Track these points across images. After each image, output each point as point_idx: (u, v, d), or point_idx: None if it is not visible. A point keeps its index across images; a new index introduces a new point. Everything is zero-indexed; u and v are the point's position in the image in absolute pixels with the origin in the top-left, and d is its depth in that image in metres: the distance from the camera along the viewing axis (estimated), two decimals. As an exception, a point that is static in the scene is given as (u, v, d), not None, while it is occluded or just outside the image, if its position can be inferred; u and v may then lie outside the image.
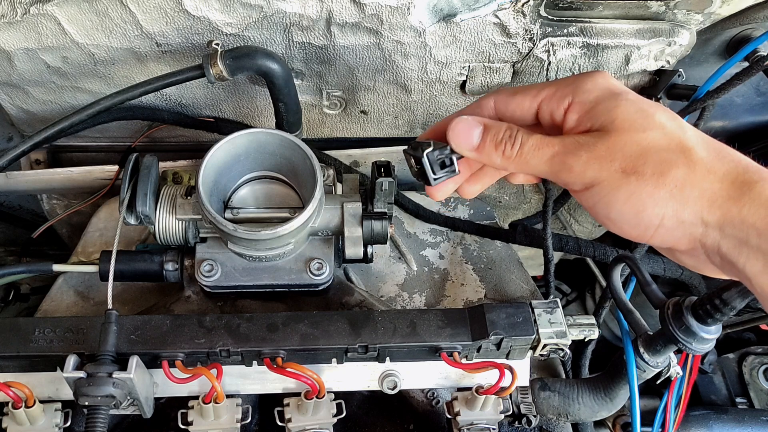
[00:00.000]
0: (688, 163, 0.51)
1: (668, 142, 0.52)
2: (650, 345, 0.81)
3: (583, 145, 0.54)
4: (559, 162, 0.55)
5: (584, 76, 0.58)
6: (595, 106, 0.56)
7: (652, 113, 0.54)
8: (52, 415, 0.73)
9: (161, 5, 0.79)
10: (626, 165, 0.52)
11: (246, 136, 0.75)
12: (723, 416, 1.13)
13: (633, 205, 0.53)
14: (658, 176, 0.51)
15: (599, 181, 0.53)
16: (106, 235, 0.97)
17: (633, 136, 0.53)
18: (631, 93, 0.56)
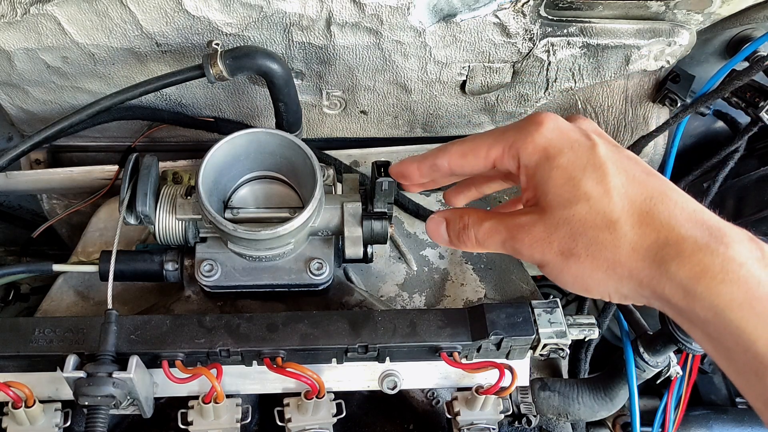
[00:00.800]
0: (614, 242, 0.52)
1: (594, 218, 0.53)
2: (650, 345, 0.81)
3: (523, 228, 0.56)
4: (510, 247, 0.58)
5: (525, 131, 0.57)
6: (535, 173, 0.56)
7: (579, 179, 0.53)
8: (52, 415, 0.73)
9: (161, 5, 0.79)
10: (563, 247, 0.54)
11: (246, 136, 0.75)
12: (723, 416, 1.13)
13: (580, 284, 0.55)
14: (591, 258, 0.53)
15: (546, 263, 0.56)
16: (106, 235, 0.97)
17: (563, 214, 0.54)
18: (565, 153, 0.55)
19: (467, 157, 0.62)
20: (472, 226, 0.61)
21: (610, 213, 0.52)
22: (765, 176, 1.03)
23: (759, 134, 1.01)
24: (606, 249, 0.52)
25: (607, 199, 0.53)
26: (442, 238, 0.64)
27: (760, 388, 0.47)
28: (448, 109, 1.01)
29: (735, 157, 1.01)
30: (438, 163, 0.64)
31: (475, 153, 0.61)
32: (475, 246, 0.61)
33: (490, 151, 0.60)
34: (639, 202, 0.52)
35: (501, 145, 0.59)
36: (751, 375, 0.47)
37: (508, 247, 0.58)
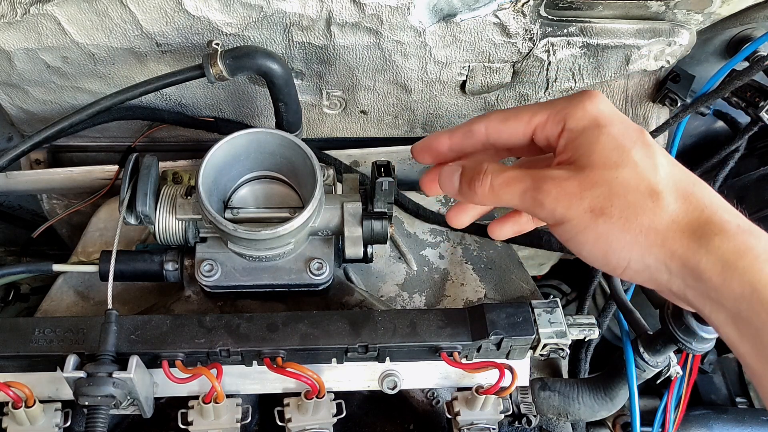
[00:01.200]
0: (655, 210, 0.51)
1: (638, 184, 0.52)
2: (650, 345, 0.81)
3: (554, 180, 0.54)
4: (530, 198, 0.55)
5: (577, 100, 0.57)
6: (579, 137, 0.55)
7: (629, 149, 0.53)
8: (52, 415, 0.73)
9: (161, 5, 0.79)
10: (595, 205, 0.52)
11: (246, 136, 0.75)
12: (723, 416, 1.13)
13: (600, 247, 0.53)
14: (624, 220, 0.51)
15: (568, 219, 0.53)
16: (106, 235, 0.97)
17: (605, 174, 0.53)
18: (616, 124, 0.55)
19: (509, 122, 0.60)
20: (491, 172, 0.57)
21: (656, 183, 0.52)
22: (765, 175, 1.03)
23: (759, 134, 1.01)
24: (644, 214, 0.51)
25: (653, 171, 0.53)
26: (453, 186, 0.61)
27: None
28: (448, 109, 1.01)
29: (735, 156, 1.01)
30: (474, 129, 0.61)
31: (517, 117, 0.59)
32: (487, 195, 0.57)
33: (534, 116, 0.58)
34: (683, 183, 0.53)
35: (547, 111, 0.58)
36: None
37: (527, 198, 0.55)
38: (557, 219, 0.54)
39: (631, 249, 0.52)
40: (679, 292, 0.52)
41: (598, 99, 0.56)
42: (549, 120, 0.57)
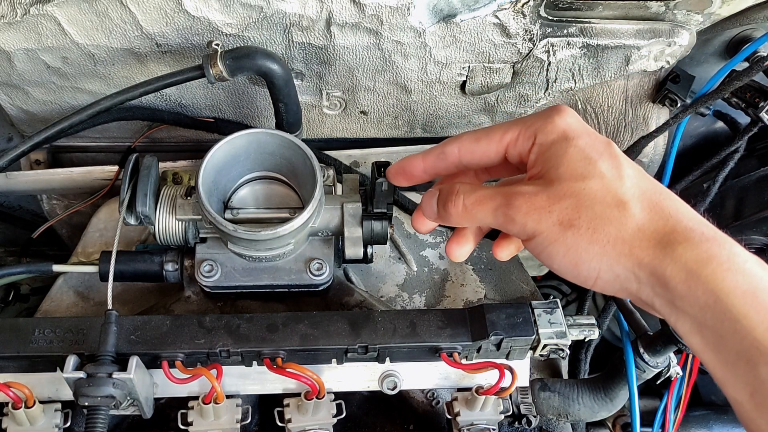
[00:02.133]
0: (621, 219, 0.52)
1: (604, 195, 0.53)
2: (650, 345, 0.81)
3: (523, 195, 0.55)
4: (502, 214, 0.56)
5: (546, 114, 0.58)
6: (548, 150, 0.56)
7: (596, 160, 0.54)
8: (52, 416, 0.73)
9: (161, 6, 0.79)
10: (563, 217, 0.53)
11: (246, 136, 0.75)
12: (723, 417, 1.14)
13: (570, 259, 0.54)
14: (592, 231, 0.52)
15: (539, 233, 0.54)
16: (106, 236, 0.97)
17: (572, 186, 0.54)
18: (584, 137, 0.56)
19: (480, 142, 0.61)
20: (463, 193, 0.59)
21: (622, 194, 0.53)
22: (765, 176, 1.03)
23: (759, 134, 1.01)
24: (611, 224, 0.52)
25: (620, 182, 0.54)
26: (432, 210, 0.63)
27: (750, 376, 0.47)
28: (448, 110, 1.01)
29: (735, 157, 1.01)
30: (447, 151, 0.63)
31: (489, 137, 0.60)
32: (461, 215, 0.59)
33: (506, 134, 0.59)
34: (649, 192, 0.54)
35: (518, 128, 0.59)
36: (741, 363, 0.48)
37: (499, 214, 0.56)
38: (528, 233, 0.55)
39: (600, 259, 0.53)
40: (648, 300, 0.53)
41: (567, 113, 0.58)
42: (520, 136, 0.59)
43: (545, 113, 0.58)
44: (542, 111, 0.59)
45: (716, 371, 0.51)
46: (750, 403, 0.48)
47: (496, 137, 0.60)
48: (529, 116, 0.59)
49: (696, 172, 1.04)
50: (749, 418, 0.49)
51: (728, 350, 0.48)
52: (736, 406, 0.50)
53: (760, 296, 0.48)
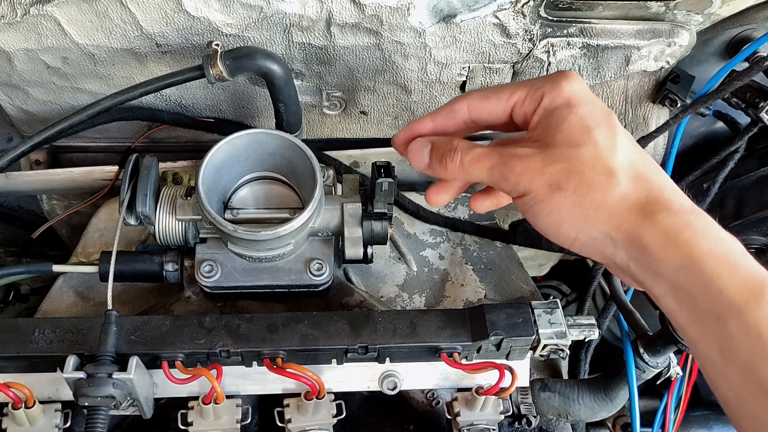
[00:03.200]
0: (607, 187, 0.55)
1: (595, 162, 0.56)
2: (650, 345, 0.81)
3: (519, 157, 0.58)
4: (497, 173, 0.59)
5: (554, 79, 0.60)
6: (551, 115, 0.59)
7: (593, 129, 0.57)
8: (51, 416, 0.73)
9: (161, 6, 0.79)
10: (553, 180, 0.56)
11: (246, 136, 0.75)
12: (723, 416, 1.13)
13: (553, 219, 0.57)
14: (578, 195, 0.55)
15: (529, 192, 0.57)
16: (105, 236, 0.97)
17: (566, 152, 0.56)
18: (586, 105, 0.58)
19: (489, 100, 0.63)
20: (461, 149, 0.61)
21: (612, 163, 0.56)
22: (765, 177, 1.03)
23: (759, 135, 1.01)
24: (596, 190, 0.55)
25: (612, 151, 0.56)
26: (422, 161, 0.64)
27: (720, 332, 0.50)
28: (448, 110, 1.01)
29: (735, 157, 1.01)
30: (456, 108, 0.64)
31: (497, 95, 0.62)
32: (457, 171, 0.61)
33: (514, 94, 0.61)
34: (638, 165, 0.57)
35: (526, 89, 0.61)
36: (712, 321, 0.51)
37: (495, 173, 0.59)
38: (519, 191, 0.58)
39: (580, 222, 0.56)
40: (622, 264, 0.56)
41: (574, 79, 0.60)
42: (527, 97, 0.61)
43: (553, 77, 0.60)
44: (551, 75, 0.61)
45: (689, 330, 0.53)
46: (719, 357, 0.51)
47: (504, 96, 0.62)
48: (538, 79, 0.62)
49: (696, 173, 1.04)
50: (718, 372, 0.52)
51: (700, 309, 0.51)
52: (707, 362, 0.53)
53: (732, 260, 0.51)
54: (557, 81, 0.59)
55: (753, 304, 0.49)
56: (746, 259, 0.52)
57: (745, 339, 0.49)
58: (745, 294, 0.49)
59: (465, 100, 0.64)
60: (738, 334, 0.49)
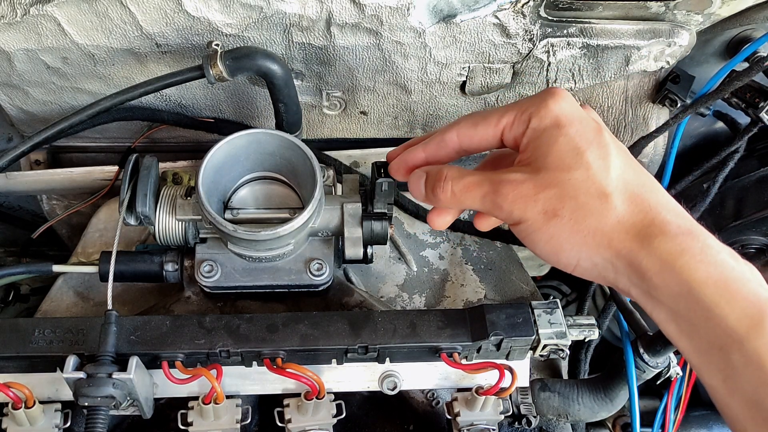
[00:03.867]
0: (602, 212, 0.54)
1: (588, 186, 0.55)
2: (650, 345, 0.81)
3: (510, 183, 0.57)
4: (490, 201, 0.58)
5: (541, 98, 0.59)
6: (540, 137, 0.57)
7: (584, 150, 0.55)
8: (51, 416, 0.73)
9: (161, 6, 0.79)
10: (548, 207, 0.55)
11: (246, 136, 0.75)
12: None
13: (552, 246, 0.56)
14: (574, 222, 0.54)
15: (524, 220, 0.56)
16: (105, 236, 0.97)
17: (558, 176, 0.55)
18: (575, 125, 0.57)
19: (478, 127, 0.62)
20: (451, 179, 0.60)
21: (606, 186, 0.55)
22: (765, 177, 1.03)
23: (759, 135, 1.01)
24: (592, 216, 0.54)
25: (605, 174, 0.55)
26: (420, 192, 0.64)
27: (723, 363, 0.50)
28: (448, 110, 1.01)
29: (735, 157, 1.01)
30: (446, 138, 0.64)
31: (486, 121, 0.61)
32: (450, 200, 0.60)
33: (502, 118, 0.60)
34: (632, 185, 0.56)
35: (514, 112, 0.60)
36: (714, 351, 0.50)
37: (487, 201, 0.58)
38: (514, 220, 0.57)
39: (580, 249, 0.55)
40: (625, 289, 0.55)
41: (561, 97, 0.59)
42: (515, 121, 0.60)
43: (540, 97, 0.59)
44: (538, 94, 0.60)
45: (692, 358, 0.53)
46: (723, 388, 0.50)
47: (492, 122, 0.61)
48: (525, 100, 0.61)
49: (696, 173, 1.04)
50: (724, 403, 0.51)
51: (701, 338, 0.51)
52: (711, 391, 0.52)
53: (731, 286, 0.50)
54: (544, 100, 0.58)
55: (754, 334, 0.48)
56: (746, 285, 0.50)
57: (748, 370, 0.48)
58: (746, 322, 0.48)
59: (454, 130, 0.63)
60: (741, 366, 0.48)
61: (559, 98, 0.58)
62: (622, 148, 0.58)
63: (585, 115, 0.59)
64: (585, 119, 0.58)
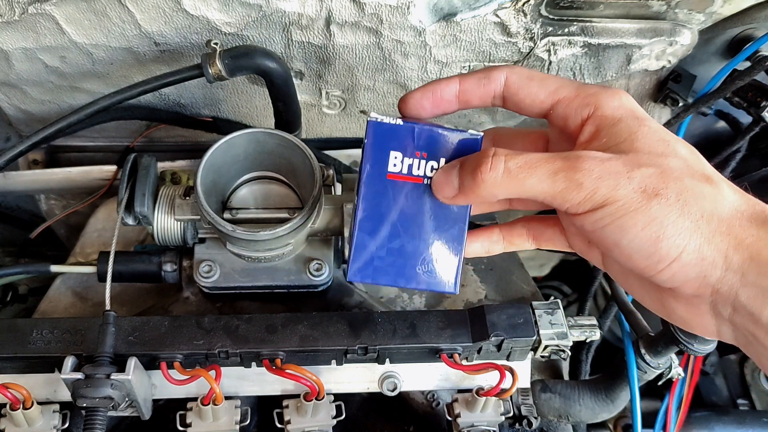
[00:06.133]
0: (716, 196, 0.46)
1: (690, 171, 0.47)
2: (651, 346, 0.81)
3: (593, 159, 0.47)
4: (564, 179, 0.47)
5: (610, 90, 0.53)
6: (617, 124, 0.50)
7: (674, 143, 0.49)
8: (50, 417, 0.72)
9: (160, 5, 0.79)
10: (647, 185, 0.46)
11: (245, 136, 0.75)
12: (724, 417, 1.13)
13: (652, 232, 0.46)
14: (683, 203, 0.46)
15: (614, 200, 0.46)
16: (104, 236, 0.97)
17: (653, 159, 0.47)
18: (653, 121, 0.51)
19: (533, 82, 0.55)
20: (504, 154, 0.50)
21: (709, 174, 0.48)
22: (767, 176, 1.03)
23: (761, 134, 1.01)
24: (705, 199, 0.46)
25: (702, 164, 0.49)
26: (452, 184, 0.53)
27: None
28: (448, 109, 1.01)
29: (737, 157, 1.01)
30: (493, 76, 0.56)
31: (543, 82, 0.54)
32: (501, 182, 0.49)
33: (561, 89, 0.54)
34: (729, 181, 0.50)
35: (576, 89, 0.53)
36: None
37: (559, 179, 0.47)
38: (597, 202, 0.47)
39: (688, 236, 0.45)
40: (728, 292, 0.46)
41: (630, 96, 0.54)
42: (577, 98, 0.53)
43: (610, 89, 0.53)
44: (602, 86, 0.54)
45: None
46: None
47: (550, 86, 0.54)
48: (590, 84, 0.54)
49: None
50: None
51: None
52: None
53: None
54: (616, 92, 0.52)
55: None
56: None
57: None
58: None
59: (504, 71, 0.55)
60: None
61: (628, 95, 0.53)
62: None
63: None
64: (658, 123, 0.52)
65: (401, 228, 0.57)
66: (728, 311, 0.46)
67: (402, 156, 0.56)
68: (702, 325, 0.50)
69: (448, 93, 0.57)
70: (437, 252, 0.58)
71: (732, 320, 0.47)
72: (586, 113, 0.52)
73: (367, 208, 0.57)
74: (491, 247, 0.62)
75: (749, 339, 0.46)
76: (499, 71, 0.56)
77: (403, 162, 0.56)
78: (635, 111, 0.52)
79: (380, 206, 0.57)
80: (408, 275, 0.58)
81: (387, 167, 0.56)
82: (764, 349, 0.46)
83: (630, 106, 0.52)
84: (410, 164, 0.56)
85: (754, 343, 0.46)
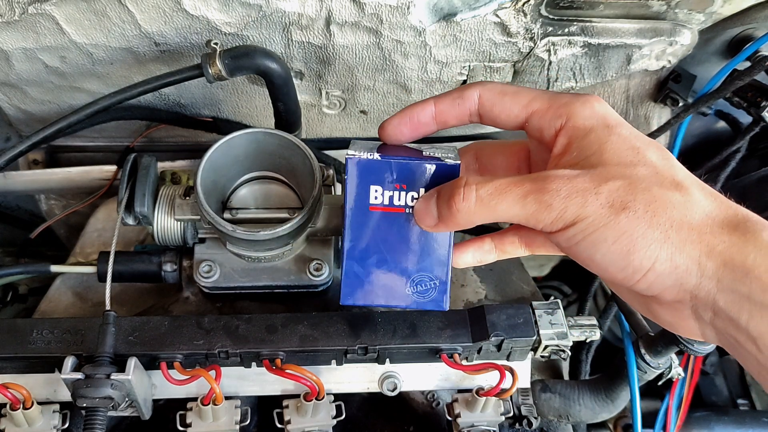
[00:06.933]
0: (685, 204, 0.46)
1: (661, 180, 0.47)
2: (651, 346, 0.81)
3: (561, 178, 0.47)
4: (533, 201, 0.48)
5: (582, 98, 0.53)
6: (587, 136, 0.50)
7: (643, 150, 0.49)
8: (50, 417, 0.72)
9: (160, 5, 0.79)
10: (614, 199, 0.46)
11: (245, 136, 0.75)
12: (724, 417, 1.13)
13: (623, 246, 0.46)
14: (652, 214, 0.45)
15: (583, 217, 0.47)
16: (104, 236, 0.97)
17: (620, 170, 0.47)
18: (625, 127, 0.51)
19: (506, 97, 0.55)
20: (474, 183, 0.50)
21: (680, 180, 0.48)
22: (766, 176, 1.03)
23: (761, 134, 1.01)
24: (674, 208, 0.45)
25: (672, 170, 0.48)
26: (431, 213, 0.54)
27: None
28: (448, 109, 1.01)
29: (737, 157, 1.01)
30: (466, 95, 0.56)
31: (516, 96, 0.55)
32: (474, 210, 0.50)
33: (534, 101, 0.54)
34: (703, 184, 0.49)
35: (548, 100, 0.53)
36: None
37: (529, 202, 0.48)
38: (567, 220, 0.47)
39: (659, 246, 0.45)
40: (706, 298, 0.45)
41: (602, 102, 0.53)
42: (550, 110, 0.53)
43: (582, 97, 0.53)
44: (575, 94, 0.54)
45: None
46: None
47: (522, 99, 0.54)
48: (562, 93, 0.54)
49: (697, 172, 1.03)
50: None
51: None
52: None
53: None
54: (588, 100, 0.52)
55: None
56: None
57: None
58: None
59: (477, 89, 0.56)
60: None
61: (602, 102, 0.52)
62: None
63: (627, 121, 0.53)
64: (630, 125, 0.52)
65: (387, 254, 0.60)
66: (709, 315, 0.46)
67: (382, 189, 0.58)
68: (687, 329, 0.49)
69: (424, 116, 0.58)
70: (425, 273, 0.60)
71: (714, 324, 0.47)
72: (559, 124, 0.53)
73: (353, 239, 0.60)
74: (483, 257, 0.63)
75: (731, 342, 0.46)
76: (471, 89, 0.56)
77: (384, 194, 0.59)
78: (607, 118, 0.51)
79: (366, 236, 0.60)
80: (398, 296, 0.61)
81: (368, 200, 0.59)
82: (746, 352, 0.45)
83: (602, 113, 0.52)
84: (390, 196, 0.58)
85: (737, 346, 0.46)
